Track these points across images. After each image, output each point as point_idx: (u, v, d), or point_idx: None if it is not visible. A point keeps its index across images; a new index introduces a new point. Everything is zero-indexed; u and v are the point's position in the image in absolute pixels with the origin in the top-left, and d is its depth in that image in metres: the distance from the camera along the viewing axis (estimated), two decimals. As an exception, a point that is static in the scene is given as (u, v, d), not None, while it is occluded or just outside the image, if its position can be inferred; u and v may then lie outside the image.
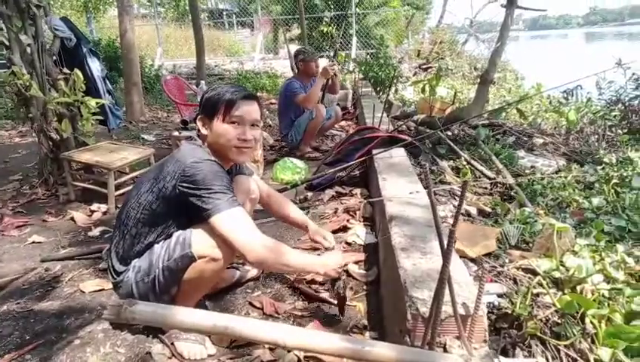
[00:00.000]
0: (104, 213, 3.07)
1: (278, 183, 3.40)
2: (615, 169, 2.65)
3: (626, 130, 3.89)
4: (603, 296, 1.41)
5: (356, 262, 2.14)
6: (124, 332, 1.69)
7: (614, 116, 4.15)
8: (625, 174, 2.52)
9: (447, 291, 1.01)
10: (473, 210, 2.27)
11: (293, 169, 3.54)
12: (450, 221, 2.08)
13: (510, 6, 3.82)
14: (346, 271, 2.00)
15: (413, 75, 8.94)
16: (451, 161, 3.06)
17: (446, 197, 2.48)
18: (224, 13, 17.81)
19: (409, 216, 1.78)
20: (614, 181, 2.46)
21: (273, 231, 2.54)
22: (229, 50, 14.27)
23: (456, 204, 2.39)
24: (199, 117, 1.67)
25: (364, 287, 1.95)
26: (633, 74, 4.35)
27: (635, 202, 2.12)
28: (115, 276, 1.64)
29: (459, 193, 2.52)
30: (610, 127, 4.02)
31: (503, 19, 3.91)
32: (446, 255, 0.95)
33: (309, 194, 3.15)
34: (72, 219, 2.96)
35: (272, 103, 7.13)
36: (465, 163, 2.94)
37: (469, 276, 1.30)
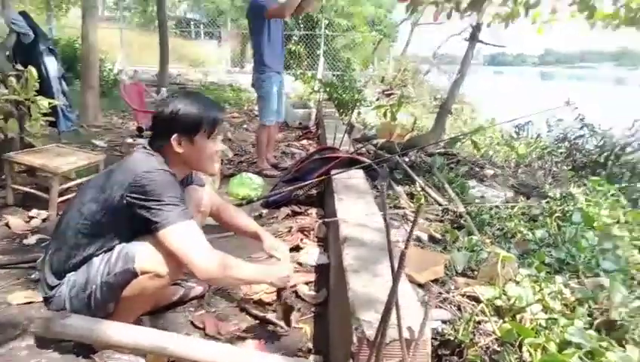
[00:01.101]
0: (44, 220, 2.88)
1: (234, 198, 3.33)
2: (558, 203, 2.79)
3: (570, 167, 4.12)
4: (540, 325, 1.46)
5: (306, 283, 2.11)
6: (51, 351, 1.56)
7: (561, 153, 4.40)
8: (567, 209, 2.65)
9: (394, 314, 1.00)
10: (424, 236, 2.30)
11: (249, 185, 3.49)
12: (402, 245, 2.10)
13: (472, 40, 4.01)
14: (295, 292, 1.97)
15: (376, 100, 9.13)
16: (407, 187, 3.11)
17: (399, 221, 2.51)
18: (192, 22, 17.66)
19: (363, 238, 1.78)
20: (557, 215, 2.59)
21: (225, 247, 2.47)
22: (194, 61, 14.09)
23: (409, 228, 2.42)
24: (174, 136, 1.54)
25: (312, 309, 1.93)
26: (579, 114, 4.65)
27: (574, 236, 2.22)
28: (47, 290, 1.53)
29: (412, 218, 2.56)
30: (557, 163, 4.25)
31: (465, 52, 4.09)
32: (396, 277, 0.95)
33: (264, 211, 3.10)
34: (7, 224, 2.77)
35: (233, 117, 7.06)
36: (419, 189, 3.00)
37: (416, 300, 1.30)
